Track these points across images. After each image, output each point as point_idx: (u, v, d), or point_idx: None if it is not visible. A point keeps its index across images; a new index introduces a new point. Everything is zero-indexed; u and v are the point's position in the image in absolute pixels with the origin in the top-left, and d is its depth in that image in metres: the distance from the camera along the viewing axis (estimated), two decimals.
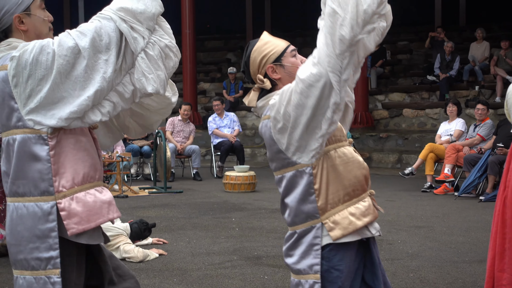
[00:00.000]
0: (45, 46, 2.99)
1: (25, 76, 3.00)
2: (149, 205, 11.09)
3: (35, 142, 3.06)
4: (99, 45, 3.00)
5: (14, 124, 3.08)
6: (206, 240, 8.23)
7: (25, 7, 3.18)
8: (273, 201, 11.35)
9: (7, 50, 3.12)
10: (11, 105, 3.06)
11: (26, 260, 3.11)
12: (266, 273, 6.67)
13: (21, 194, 3.11)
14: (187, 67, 20.18)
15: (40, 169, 3.06)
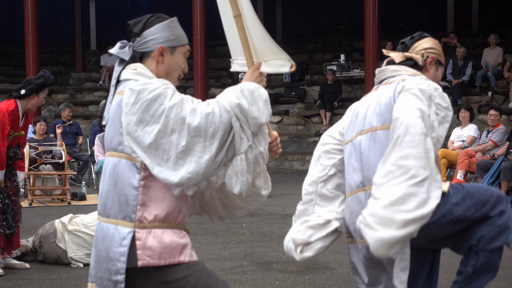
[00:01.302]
0: (162, 97, 3.08)
1: (134, 110, 3.10)
2: None
3: (129, 168, 3.15)
4: (203, 131, 3.07)
5: (114, 147, 3.21)
6: (216, 245, 8.20)
7: (172, 45, 3.32)
8: (284, 207, 11.31)
9: (132, 75, 3.23)
10: (117, 128, 3.17)
11: (101, 279, 3.20)
12: (277, 278, 6.63)
13: (107, 214, 3.21)
14: (198, 73, 20.17)
15: (128, 194, 3.15)
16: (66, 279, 6.67)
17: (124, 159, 3.16)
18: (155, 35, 3.29)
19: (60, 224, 7.32)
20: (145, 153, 3.10)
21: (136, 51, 3.32)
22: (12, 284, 6.49)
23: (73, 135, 15.31)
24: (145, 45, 3.30)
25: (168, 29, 3.33)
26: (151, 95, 3.08)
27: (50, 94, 23.88)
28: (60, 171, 12.02)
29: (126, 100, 3.12)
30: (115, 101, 3.23)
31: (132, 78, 3.21)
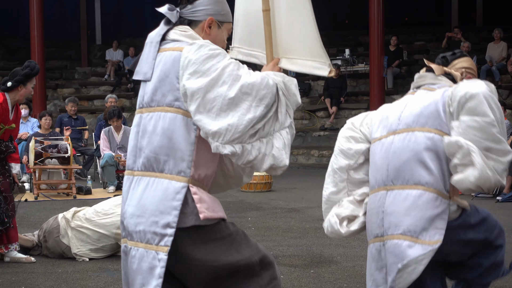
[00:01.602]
0: (221, 56, 3.17)
1: (187, 60, 3.15)
2: None
3: (186, 124, 3.19)
4: (255, 90, 3.16)
5: (168, 102, 3.21)
6: None
7: (221, 19, 3.39)
8: (289, 201, 11.34)
9: (182, 36, 3.29)
10: (173, 84, 3.20)
11: (144, 232, 3.21)
12: (282, 272, 6.64)
13: (160, 169, 3.22)
14: None
15: (184, 150, 3.19)
16: (71, 273, 6.70)
17: (180, 115, 3.20)
18: (207, 6, 3.35)
19: (64, 220, 7.32)
20: (190, 99, 3.14)
21: (184, 17, 3.37)
22: (18, 278, 6.53)
23: (78, 130, 15.33)
24: (195, 14, 3.35)
25: (220, 3, 3.39)
26: (211, 52, 3.16)
27: (56, 88, 23.93)
28: (65, 165, 12.05)
29: (186, 54, 3.18)
30: (168, 57, 3.25)
31: (182, 39, 3.28)
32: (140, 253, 3.22)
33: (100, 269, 6.85)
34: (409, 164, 3.85)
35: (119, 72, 23.95)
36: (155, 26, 3.45)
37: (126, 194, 3.35)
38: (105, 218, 7.22)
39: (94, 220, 7.23)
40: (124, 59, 24.00)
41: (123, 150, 12.94)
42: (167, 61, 3.24)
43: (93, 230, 7.21)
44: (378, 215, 3.91)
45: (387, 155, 3.98)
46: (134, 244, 3.26)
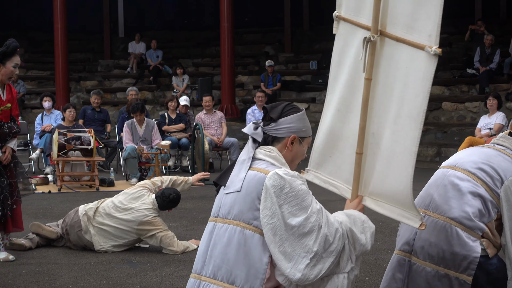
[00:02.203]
0: (306, 195, 3.39)
1: (277, 194, 3.34)
2: (187, 197, 11.13)
3: (262, 243, 3.37)
4: (328, 244, 3.35)
5: (247, 220, 3.41)
6: None
7: (302, 136, 3.61)
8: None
9: (268, 157, 3.51)
10: (254, 203, 3.41)
11: None
12: None
13: (230, 282, 3.40)
14: (225, 60, 20.18)
15: (258, 268, 3.37)
16: (94, 264, 6.76)
17: (258, 234, 3.38)
18: (290, 124, 3.55)
19: (86, 217, 7.32)
20: (273, 237, 3.33)
21: (268, 134, 3.56)
22: (42, 268, 6.59)
23: (101, 122, 15.40)
24: (279, 131, 3.55)
25: (301, 120, 3.60)
26: (297, 189, 3.36)
27: (79, 81, 24.04)
28: (88, 157, 12.12)
29: (273, 183, 3.35)
30: (254, 176, 3.44)
31: (267, 160, 3.49)
32: None
33: (123, 261, 6.90)
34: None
35: (141, 65, 24.02)
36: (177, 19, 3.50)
37: None
38: (126, 214, 7.22)
39: (115, 215, 7.24)
40: (146, 51, 24.06)
41: (146, 143, 13.01)
42: (252, 180, 3.44)
43: (114, 226, 7.22)
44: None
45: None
46: None
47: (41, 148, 14.32)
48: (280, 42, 25.24)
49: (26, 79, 23.65)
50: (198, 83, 18.03)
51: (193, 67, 24.55)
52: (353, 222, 3.47)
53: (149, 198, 7.32)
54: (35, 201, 10.73)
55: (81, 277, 6.29)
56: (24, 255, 7.10)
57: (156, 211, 7.27)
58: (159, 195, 7.30)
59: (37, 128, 15.13)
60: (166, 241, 7.16)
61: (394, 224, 8.66)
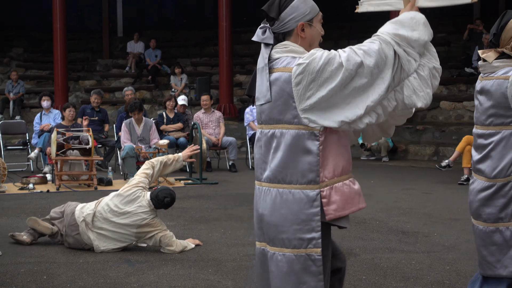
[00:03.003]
0: (332, 58, 3.37)
1: (308, 80, 3.38)
2: (185, 196, 11.16)
3: (308, 137, 3.45)
4: (380, 65, 3.36)
5: (288, 120, 3.46)
6: (241, 231, 8.26)
7: (309, 18, 3.60)
8: None
9: (284, 52, 3.52)
10: (288, 103, 3.44)
11: (288, 239, 3.49)
12: None
13: (287, 181, 3.49)
14: (223, 59, 20.21)
15: (310, 161, 3.45)
16: (92, 263, 6.77)
17: (302, 130, 3.44)
18: (292, 14, 3.54)
19: (84, 223, 7.27)
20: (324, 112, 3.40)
21: (277, 33, 3.58)
22: (40, 267, 6.60)
23: (99, 122, 15.42)
24: (285, 26, 3.56)
25: (302, 4, 3.58)
26: (322, 60, 3.37)
27: (77, 80, 24.06)
28: (86, 157, 12.14)
29: (298, 75, 3.39)
30: (278, 78, 3.48)
31: (285, 56, 3.50)
32: (288, 257, 3.51)
33: (121, 260, 6.91)
34: None
35: (140, 64, 24.05)
36: (176, 18, 3.53)
37: (258, 204, 3.64)
38: (123, 218, 7.20)
39: (113, 220, 7.22)
40: (145, 51, 24.08)
41: (144, 142, 13.02)
42: (279, 82, 3.47)
43: (113, 231, 7.21)
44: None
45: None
46: (279, 250, 3.54)
47: (40, 148, 14.34)
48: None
49: (25, 79, 23.67)
50: (196, 83, 18.05)
51: (191, 67, 24.57)
52: (401, 25, 3.47)
53: (145, 199, 7.28)
54: (33, 200, 10.75)
55: (79, 276, 6.30)
56: (22, 254, 7.12)
57: (153, 211, 7.27)
58: (154, 198, 7.27)
59: (35, 127, 15.16)
60: (165, 241, 7.17)
61: (391, 224, 8.69)
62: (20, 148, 16.15)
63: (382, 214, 9.31)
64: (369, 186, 12.09)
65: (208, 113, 15.24)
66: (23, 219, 9.03)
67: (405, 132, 18.21)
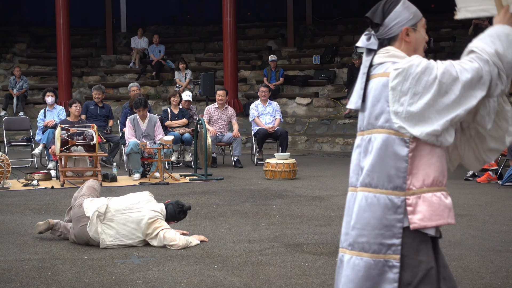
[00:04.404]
0: (430, 68, 3.37)
1: (404, 87, 3.40)
2: (190, 192, 11.14)
3: (398, 143, 3.46)
4: (475, 84, 3.34)
5: (380, 124, 3.50)
6: (246, 227, 8.23)
7: (413, 23, 3.60)
8: (314, 189, 11.32)
9: (386, 58, 3.54)
10: (383, 107, 3.48)
11: (368, 243, 3.50)
12: (307, 260, 6.65)
13: (373, 185, 3.51)
14: (228, 55, 20.18)
15: (398, 167, 3.46)
16: (97, 260, 6.75)
17: (392, 135, 3.46)
18: (396, 19, 3.57)
19: (96, 215, 7.27)
20: (416, 122, 3.41)
21: (382, 39, 3.60)
22: (45, 264, 6.58)
23: (104, 118, 15.39)
24: (390, 32, 3.59)
25: (405, 9, 3.59)
26: (419, 68, 3.37)
27: (81, 76, 24.03)
28: (91, 153, 12.12)
29: (394, 79, 3.42)
30: (377, 83, 3.51)
31: (386, 61, 3.52)
32: (366, 262, 3.51)
33: (126, 256, 6.89)
34: None
35: (144, 60, 24.01)
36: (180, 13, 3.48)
37: (350, 208, 3.64)
38: (134, 212, 7.27)
39: (125, 213, 7.26)
40: (149, 46, 24.05)
41: (148, 138, 12.99)
42: (377, 87, 3.51)
43: (122, 224, 7.24)
44: None
45: None
46: (357, 254, 3.54)
47: (44, 144, 14.32)
48: (283, 36, 25.22)
49: (29, 75, 23.66)
50: (200, 78, 17.99)
51: (195, 62, 24.54)
52: (497, 40, 3.42)
53: (159, 205, 7.51)
54: (38, 196, 10.74)
55: (84, 273, 6.28)
56: (27, 251, 7.10)
57: (163, 217, 7.41)
58: (173, 203, 7.58)
59: (39, 123, 15.13)
60: (168, 237, 7.17)
61: None
62: (24, 144, 16.13)
63: None
64: None
65: (221, 109, 15.21)
66: (27, 216, 9.02)
67: None
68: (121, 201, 7.42)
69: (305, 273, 6.21)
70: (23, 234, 7.89)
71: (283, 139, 15.12)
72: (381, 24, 3.59)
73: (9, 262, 6.68)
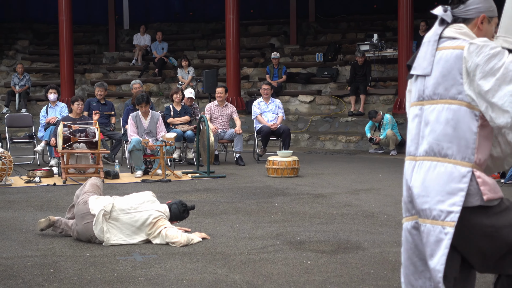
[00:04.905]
0: (501, 54, 3.52)
1: (473, 63, 3.54)
2: (192, 189, 11.13)
3: (470, 116, 3.58)
4: None
5: (452, 95, 3.62)
6: (248, 224, 8.23)
7: (491, 15, 3.75)
8: (316, 186, 11.31)
9: (458, 34, 3.67)
10: (456, 79, 3.60)
11: (430, 209, 3.62)
12: (308, 258, 6.64)
13: (443, 155, 3.63)
14: (230, 52, 20.17)
15: (468, 138, 3.59)
16: (99, 257, 6.74)
17: (464, 106, 3.58)
18: (478, 4, 3.71)
19: (102, 213, 7.25)
20: (481, 99, 3.52)
21: (457, 16, 3.73)
22: (47, 261, 6.58)
23: (106, 115, 15.39)
24: (468, 12, 3.71)
25: (488, 0, 3.75)
26: (492, 51, 3.51)
27: (84, 73, 24.03)
28: (93, 150, 12.11)
29: (468, 54, 3.56)
30: (449, 54, 3.63)
31: (459, 37, 3.65)
32: (427, 228, 3.63)
33: (128, 253, 6.88)
34: None
35: (146, 57, 24.01)
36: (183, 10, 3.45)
37: (409, 177, 3.75)
38: (139, 212, 7.31)
39: (129, 212, 7.28)
40: (151, 44, 24.04)
41: (151, 135, 12.99)
42: (449, 58, 3.63)
43: (127, 223, 7.25)
44: None
45: None
46: (422, 221, 3.66)
47: (46, 141, 14.32)
48: (286, 34, 25.20)
49: (31, 71, 23.66)
50: (203, 75, 17.98)
51: (198, 59, 24.53)
52: None
53: (162, 205, 7.54)
54: (40, 193, 10.74)
55: (86, 270, 6.28)
56: (29, 248, 7.10)
57: (166, 217, 7.43)
58: (176, 202, 7.62)
59: (42, 120, 15.13)
60: (170, 235, 7.17)
61: (399, 217, 8.62)
62: (26, 141, 16.15)
63: (391, 208, 9.27)
64: (377, 180, 12.06)
65: (221, 107, 15.20)
66: (29, 212, 9.02)
67: None
68: (126, 200, 7.42)
69: (307, 271, 6.20)
70: (25, 231, 7.89)
71: (285, 137, 15.10)
72: (463, 2, 3.71)
73: (11, 258, 6.68)
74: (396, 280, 5.84)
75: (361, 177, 12.58)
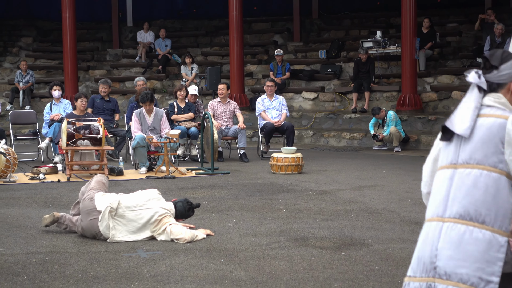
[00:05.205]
0: None
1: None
2: (196, 186, 11.14)
3: (509, 185, 3.61)
4: None
5: (492, 163, 3.63)
6: (253, 221, 8.23)
7: None
8: (320, 183, 11.32)
9: (497, 103, 3.71)
10: (497, 147, 3.64)
11: (468, 275, 3.58)
12: (313, 254, 6.65)
13: (480, 221, 3.60)
14: (234, 49, 20.16)
15: (507, 208, 3.60)
16: (104, 253, 6.76)
17: (504, 176, 3.60)
18: (511, 69, 3.76)
19: (108, 210, 7.27)
20: None
21: (491, 82, 3.76)
22: (51, 257, 6.59)
23: (110, 112, 15.39)
24: (501, 78, 3.76)
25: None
26: None
27: (87, 70, 24.04)
28: (97, 147, 12.12)
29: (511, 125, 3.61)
30: (491, 122, 3.66)
31: (497, 106, 3.69)
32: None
33: (132, 250, 6.90)
34: None
35: (150, 54, 24.00)
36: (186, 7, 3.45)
37: (436, 239, 3.71)
38: (144, 209, 7.35)
39: (135, 209, 7.33)
40: (155, 41, 24.03)
41: (154, 132, 12.99)
42: (491, 126, 3.66)
43: (132, 220, 7.29)
44: None
45: None
46: (454, 284, 3.61)
47: (50, 137, 14.33)
48: (289, 31, 25.18)
49: (35, 68, 23.66)
50: (207, 72, 17.99)
51: (202, 56, 24.52)
52: None
53: (168, 203, 7.56)
54: (44, 190, 10.76)
55: (90, 266, 6.29)
56: (34, 244, 7.12)
57: (172, 215, 7.45)
58: (182, 201, 7.66)
59: (46, 117, 15.14)
60: (175, 231, 7.19)
61: (403, 214, 8.64)
62: (30, 138, 16.17)
63: (395, 205, 9.27)
64: (381, 177, 12.06)
65: (223, 103, 15.19)
66: (33, 209, 9.04)
67: (417, 123, 18.15)
68: (132, 198, 7.44)
69: (312, 267, 6.21)
70: (30, 228, 7.91)
71: (289, 134, 15.10)
72: (497, 67, 3.75)
73: (16, 255, 6.69)
74: (401, 276, 5.84)
75: (365, 173, 12.57)
